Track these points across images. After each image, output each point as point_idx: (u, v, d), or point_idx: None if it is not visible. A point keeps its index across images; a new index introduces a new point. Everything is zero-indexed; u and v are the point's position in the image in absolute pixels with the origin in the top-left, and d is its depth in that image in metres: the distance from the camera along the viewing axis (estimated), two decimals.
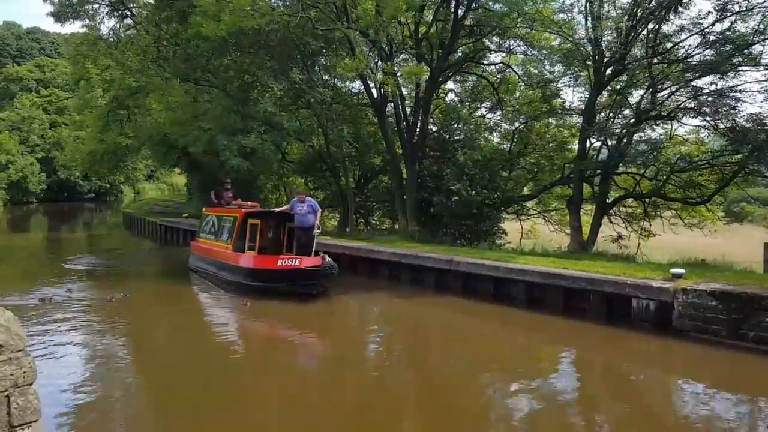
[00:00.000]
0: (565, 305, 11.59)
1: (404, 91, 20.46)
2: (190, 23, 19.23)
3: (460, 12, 18.43)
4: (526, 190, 21.78)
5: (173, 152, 29.72)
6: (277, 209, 15.23)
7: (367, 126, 23.76)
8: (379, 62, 19.73)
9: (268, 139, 20.53)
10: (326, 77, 22.87)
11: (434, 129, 21.99)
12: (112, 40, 28.48)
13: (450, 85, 23.65)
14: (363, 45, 18.81)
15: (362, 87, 21.04)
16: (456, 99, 23.44)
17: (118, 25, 28.53)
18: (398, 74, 19.41)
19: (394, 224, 22.53)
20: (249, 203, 16.71)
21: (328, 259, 12.88)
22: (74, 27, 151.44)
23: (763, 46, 14.98)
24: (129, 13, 27.71)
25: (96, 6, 27.68)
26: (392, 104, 20.32)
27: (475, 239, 19.16)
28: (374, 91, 19.90)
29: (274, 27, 17.34)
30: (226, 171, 20.60)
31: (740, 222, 20.99)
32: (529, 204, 22.09)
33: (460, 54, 20.93)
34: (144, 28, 25.69)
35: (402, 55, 22.02)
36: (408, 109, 20.78)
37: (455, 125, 21.66)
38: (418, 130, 20.10)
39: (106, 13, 27.82)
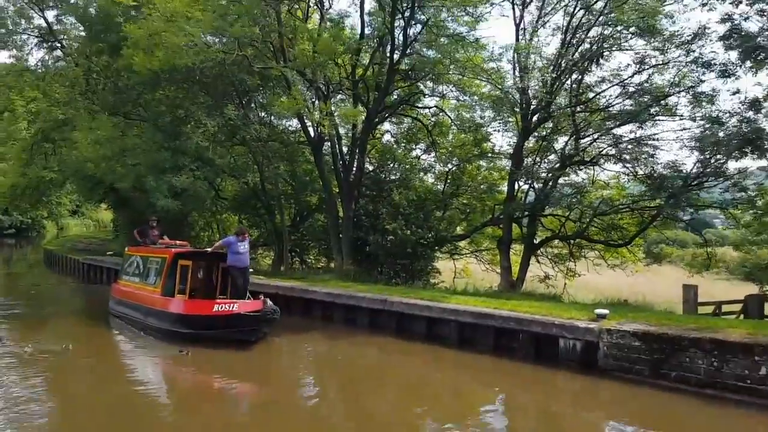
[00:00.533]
0: (495, 344, 11.76)
1: (341, 130, 20.68)
2: (122, 55, 18.87)
3: (395, 56, 18.92)
4: (459, 230, 22.22)
5: (99, 187, 28.68)
6: (209, 249, 14.48)
7: (304, 164, 23.75)
8: (316, 102, 19.92)
9: (201, 175, 20.18)
10: (263, 114, 22.84)
11: (371, 168, 22.23)
12: (40, 71, 27.57)
13: (386, 126, 24.10)
14: (300, 84, 18.94)
15: (299, 125, 21.10)
16: (392, 140, 23.87)
17: (46, 57, 27.73)
18: (335, 114, 19.62)
19: (330, 263, 22.40)
20: (177, 242, 15.48)
21: (269, 302, 11.98)
22: (0, 57, 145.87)
23: (678, 97, 16.06)
24: (59, 44, 26.97)
25: (25, 37, 26.85)
26: (329, 143, 20.44)
27: (410, 278, 19.30)
28: (311, 130, 19.99)
29: (208, 64, 17.23)
30: (155, 210, 20.03)
31: (659, 263, 22.04)
32: (462, 243, 22.50)
33: (395, 96, 21.41)
34: (74, 60, 25.02)
35: (339, 96, 22.29)
36: (345, 149, 20.96)
37: (391, 165, 22.00)
38: (354, 169, 20.24)
39: (35, 44, 27.02)
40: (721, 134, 14.42)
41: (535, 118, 17.81)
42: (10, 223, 64.84)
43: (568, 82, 17.17)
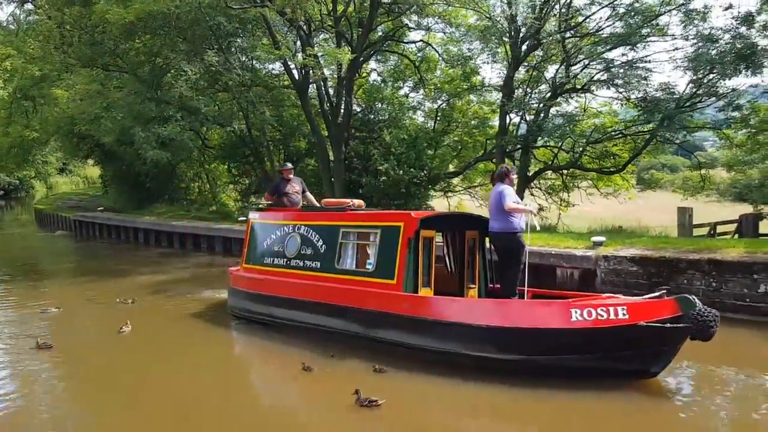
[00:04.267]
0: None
1: (326, 72, 20.18)
2: (95, 9, 18.12)
3: None
4: (451, 167, 22.06)
5: (85, 143, 28.23)
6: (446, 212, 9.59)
7: (290, 108, 23.30)
8: (299, 43, 19.32)
9: (187, 125, 19.76)
10: (244, 59, 22.20)
11: (359, 110, 21.84)
12: (12, 27, 26.58)
13: (372, 64, 23.54)
14: (281, 25, 18.29)
15: (283, 68, 20.57)
16: (379, 79, 23.36)
17: (17, 11, 26.71)
18: (319, 56, 19.09)
19: None
20: (354, 201, 9.45)
21: (691, 299, 6.37)
22: None
23: (670, 16, 15.60)
24: None
25: None
26: (315, 86, 19.98)
27: None
28: (295, 73, 19.49)
29: (185, 9, 16.57)
30: (144, 162, 19.68)
31: (653, 189, 22.05)
32: (455, 181, 22.40)
33: (380, 33, 20.80)
34: (45, 12, 24.07)
35: (321, 35, 21.66)
36: (331, 90, 20.51)
37: (379, 105, 21.58)
38: (342, 111, 19.88)
39: (6, 0, 25.97)
40: (714, 52, 14.11)
41: (524, 46, 17.39)
42: None
43: (557, 6, 16.65)
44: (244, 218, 11.56)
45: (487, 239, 8.33)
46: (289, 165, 11.09)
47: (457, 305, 7.31)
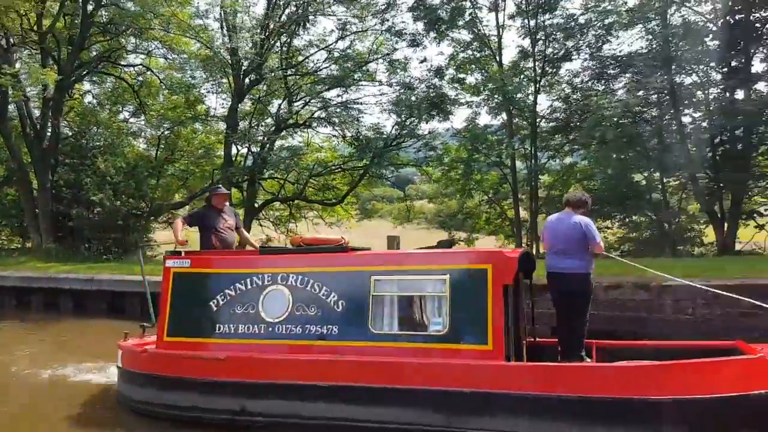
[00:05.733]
0: None
1: (31, 91, 17.94)
2: None
3: (90, 7, 16.93)
4: (177, 197, 21.24)
5: None
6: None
7: None
8: None
9: None
10: None
11: (70, 134, 19.82)
12: None
13: (87, 86, 21.65)
14: None
15: None
16: (94, 101, 21.55)
17: None
18: (23, 74, 16.96)
19: (27, 242, 19.68)
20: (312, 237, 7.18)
21: None
22: None
23: (377, 63, 17.41)
24: None
25: None
26: (16, 105, 17.64)
27: (124, 253, 17.92)
28: None
29: None
30: None
31: (370, 218, 24.08)
32: (182, 212, 21.61)
33: (94, 52, 19.28)
34: None
35: (26, 51, 19.27)
36: (36, 111, 18.30)
37: (95, 129, 19.88)
38: (48, 134, 17.86)
39: None
40: (413, 98, 16.06)
41: (247, 80, 17.70)
42: None
43: (278, 44, 17.36)
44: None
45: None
46: (223, 189, 7.85)
47: (609, 372, 5.02)
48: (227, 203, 7.62)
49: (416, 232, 23.94)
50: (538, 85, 16.59)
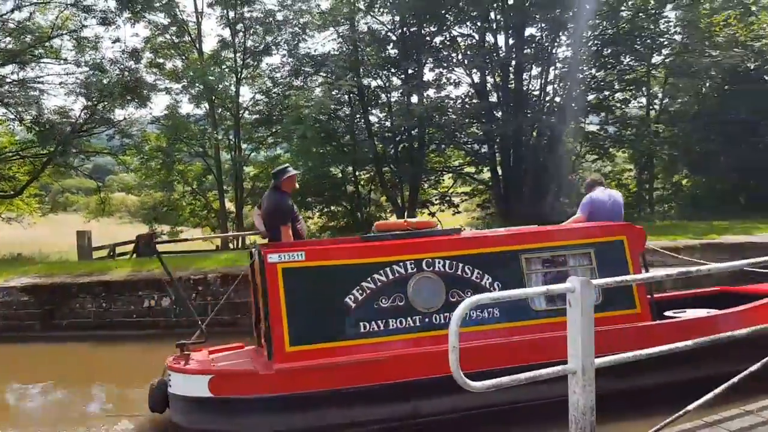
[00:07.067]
0: None
1: None
2: None
3: None
4: None
5: None
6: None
7: None
8: None
9: None
10: None
11: None
12: None
13: None
14: None
15: None
16: None
17: None
18: None
19: None
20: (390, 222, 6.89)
21: None
22: None
23: (62, 40, 15.58)
24: None
25: None
26: None
27: None
28: None
29: None
30: None
31: (57, 213, 21.49)
32: None
33: None
34: None
35: None
36: None
37: None
38: None
39: None
40: (105, 81, 14.81)
41: None
42: None
43: None
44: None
45: None
46: (292, 169, 6.34)
47: (732, 317, 5.64)
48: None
49: (117, 226, 22.23)
50: (240, 77, 16.73)
